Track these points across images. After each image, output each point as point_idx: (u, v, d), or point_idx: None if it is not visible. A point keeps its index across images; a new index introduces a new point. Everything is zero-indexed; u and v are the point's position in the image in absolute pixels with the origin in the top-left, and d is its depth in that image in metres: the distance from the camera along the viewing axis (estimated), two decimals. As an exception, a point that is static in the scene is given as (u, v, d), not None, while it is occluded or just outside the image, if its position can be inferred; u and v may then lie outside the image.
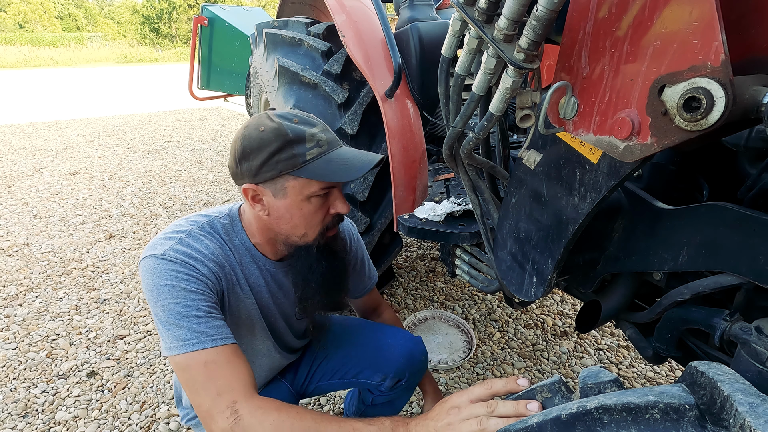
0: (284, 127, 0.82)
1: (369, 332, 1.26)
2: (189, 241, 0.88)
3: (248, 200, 0.89)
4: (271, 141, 0.82)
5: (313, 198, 0.87)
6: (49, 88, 13.13)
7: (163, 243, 0.86)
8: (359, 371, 1.22)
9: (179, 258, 0.84)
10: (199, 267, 0.85)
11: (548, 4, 0.63)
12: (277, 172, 0.83)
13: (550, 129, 0.74)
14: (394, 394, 1.25)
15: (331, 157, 0.86)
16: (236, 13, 5.11)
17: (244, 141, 0.84)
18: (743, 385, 0.42)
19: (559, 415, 0.47)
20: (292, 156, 0.82)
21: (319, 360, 1.25)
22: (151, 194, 4.11)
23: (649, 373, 1.89)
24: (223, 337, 0.82)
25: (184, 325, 0.80)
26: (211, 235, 0.92)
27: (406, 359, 1.20)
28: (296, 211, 0.88)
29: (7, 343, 2.09)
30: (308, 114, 0.90)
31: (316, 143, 0.84)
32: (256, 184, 0.86)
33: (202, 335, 0.80)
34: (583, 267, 0.97)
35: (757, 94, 0.52)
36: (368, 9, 1.68)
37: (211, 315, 0.83)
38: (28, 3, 39.96)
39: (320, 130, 0.86)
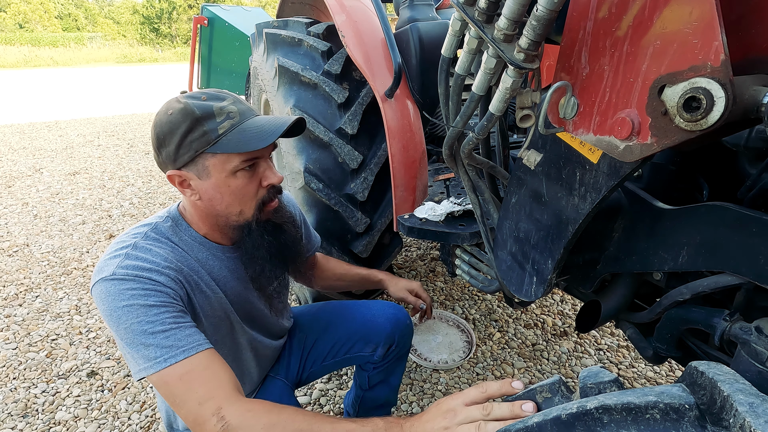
0: (191, 105, 0.81)
1: (352, 309, 1.31)
2: (136, 253, 0.84)
3: (177, 187, 0.87)
4: (180, 122, 0.80)
5: (239, 172, 0.85)
6: (49, 88, 13.13)
7: (110, 263, 0.82)
8: (350, 347, 1.26)
9: (131, 274, 0.80)
10: (155, 277, 0.81)
11: (548, 4, 0.63)
12: (194, 152, 0.81)
13: (550, 129, 0.74)
14: (387, 364, 1.30)
15: (244, 127, 0.83)
16: (236, 13, 5.12)
17: (156, 128, 0.83)
18: (743, 385, 0.42)
19: (559, 415, 0.47)
20: (204, 133, 0.81)
21: (309, 346, 1.28)
22: (151, 194, 4.11)
23: (649, 373, 1.89)
24: (195, 345, 0.79)
25: (152, 343, 0.77)
26: (158, 241, 0.88)
27: (393, 324, 1.26)
28: (224, 188, 0.85)
29: (7, 343, 2.09)
30: (218, 89, 0.87)
31: (227, 116, 0.82)
32: (179, 169, 0.84)
33: (171, 349, 0.77)
34: (583, 267, 0.97)
35: (757, 94, 0.52)
36: (368, 9, 1.68)
37: (177, 325, 0.79)
38: (28, 3, 39.96)
39: (230, 103, 0.84)
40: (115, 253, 0.84)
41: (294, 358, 1.27)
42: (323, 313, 1.33)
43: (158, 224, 0.91)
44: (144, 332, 0.77)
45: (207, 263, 0.94)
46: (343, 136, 1.60)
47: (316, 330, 1.29)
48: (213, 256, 0.95)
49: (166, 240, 0.90)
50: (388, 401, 1.42)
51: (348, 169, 1.60)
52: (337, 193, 1.60)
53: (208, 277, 0.94)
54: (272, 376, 1.22)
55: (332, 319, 1.30)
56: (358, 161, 1.59)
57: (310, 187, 1.57)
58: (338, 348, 1.27)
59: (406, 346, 1.33)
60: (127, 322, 0.77)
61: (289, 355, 1.27)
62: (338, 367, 1.32)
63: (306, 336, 1.29)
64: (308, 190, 1.58)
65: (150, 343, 0.77)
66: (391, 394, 1.39)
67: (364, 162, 1.61)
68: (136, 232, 0.89)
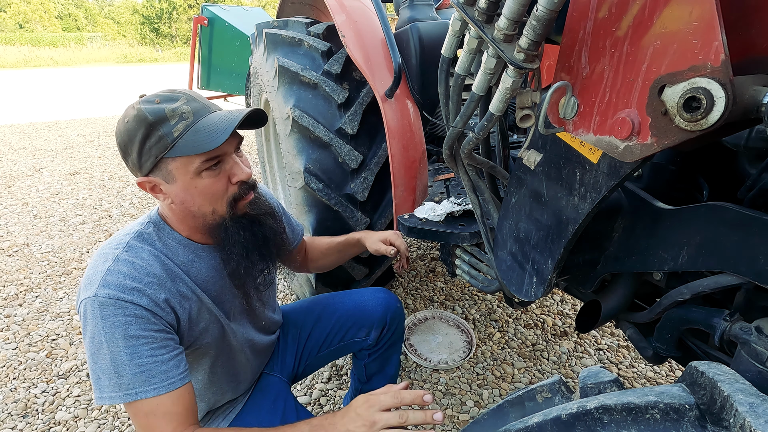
0: (144, 111, 0.80)
1: (342, 297, 1.34)
2: (118, 268, 0.83)
3: (150, 193, 0.87)
4: (136, 129, 0.80)
5: (204, 172, 0.84)
6: (49, 88, 13.13)
7: (93, 280, 0.82)
8: (344, 334, 1.29)
9: (112, 297, 0.79)
10: (136, 300, 0.81)
11: (548, 4, 0.63)
12: (154, 158, 0.81)
13: (550, 129, 0.74)
14: (382, 350, 1.33)
15: (198, 127, 0.81)
16: (236, 13, 5.11)
17: (118, 137, 0.84)
18: (743, 385, 0.42)
19: (559, 415, 0.47)
20: (160, 138, 0.80)
21: (304, 340, 1.30)
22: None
23: (649, 373, 1.89)
24: (167, 384, 0.81)
25: (125, 374, 0.79)
26: (141, 250, 0.87)
27: (383, 307, 1.30)
28: (192, 190, 0.85)
29: (7, 343, 2.09)
30: (173, 90, 0.86)
31: (180, 117, 0.81)
32: (147, 176, 0.84)
33: (144, 384, 0.79)
34: (583, 267, 0.97)
35: (757, 94, 0.52)
36: (368, 9, 1.68)
37: (154, 359, 0.81)
38: (28, 3, 39.96)
39: (183, 103, 0.82)
40: (98, 268, 0.84)
41: (289, 354, 1.28)
42: (314, 305, 1.35)
43: (141, 232, 0.90)
44: (121, 363, 0.79)
45: (192, 265, 0.94)
46: (343, 136, 1.60)
47: (309, 322, 1.31)
48: (197, 257, 0.95)
49: (149, 248, 0.88)
50: None
51: (348, 169, 1.60)
52: (337, 193, 1.60)
53: (191, 282, 0.92)
54: (267, 373, 1.22)
55: (324, 309, 1.32)
56: (358, 161, 1.59)
57: (310, 187, 1.57)
58: (332, 336, 1.30)
59: (399, 329, 1.36)
60: (106, 349, 0.79)
61: (284, 351, 1.27)
62: (334, 357, 1.35)
63: (300, 330, 1.30)
64: (308, 190, 1.58)
65: (123, 374, 0.79)
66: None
67: (364, 162, 1.61)
68: (119, 242, 0.88)
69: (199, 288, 0.94)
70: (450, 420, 1.67)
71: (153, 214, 0.94)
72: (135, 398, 0.79)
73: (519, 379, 1.86)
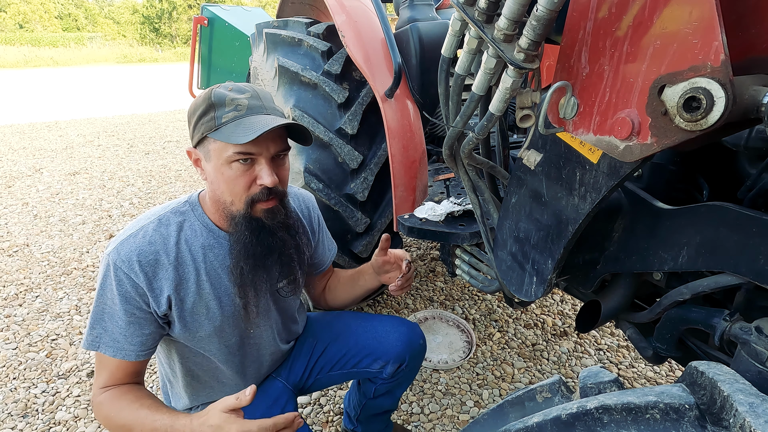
0: (212, 92, 0.88)
1: (364, 322, 1.28)
2: (137, 240, 0.91)
3: (194, 164, 0.96)
4: (200, 105, 0.89)
5: (234, 163, 0.88)
6: (49, 88, 13.13)
7: (120, 237, 0.93)
8: (359, 360, 1.23)
9: (117, 264, 0.89)
10: (134, 278, 0.89)
11: (548, 4, 0.63)
12: (201, 134, 0.88)
13: (550, 129, 0.74)
14: (395, 381, 1.26)
15: (242, 121, 0.86)
16: (236, 13, 5.11)
17: (189, 108, 0.92)
18: (743, 385, 0.42)
19: (559, 415, 0.47)
20: (212, 119, 0.87)
21: (317, 354, 1.25)
22: (151, 194, 4.11)
23: (649, 373, 1.89)
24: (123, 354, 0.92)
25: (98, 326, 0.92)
26: (168, 227, 0.95)
27: (405, 344, 1.21)
28: (219, 175, 0.90)
29: (7, 343, 2.09)
30: (250, 85, 0.93)
31: (234, 107, 0.87)
32: (195, 147, 0.93)
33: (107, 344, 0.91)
34: (583, 267, 0.97)
35: (757, 94, 0.52)
36: (368, 9, 1.68)
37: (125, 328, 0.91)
38: (28, 3, 39.95)
39: (246, 97, 0.89)
40: (129, 229, 0.94)
41: (299, 363, 1.25)
42: (336, 321, 1.30)
43: (176, 209, 0.98)
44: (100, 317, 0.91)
45: (212, 250, 0.98)
46: (343, 136, 1.60)
47: (327, 338, 1.26)
48: (219, 244, 0.99)
49: (175, 228, 0.95)
50: (390, 409, 1.41)
51: (348, 169, 1.60)
52: (337, 193, 1.60)
53: (203, 265, 0.97)
54: (273, 377, 1.21)
55: (344, 328, 1.27)
56: (358, 161, 1.59)
57: (310, 187, 1.57)
58: (346, 360, 1.24)
59: (417, 366, 1.29)
60: (97, 300, 0.92)
61: (294, 359, 1.25)
62: (345, 380, 1.29)
63: (316, 342, 1.26)
64: (308, 190, 1.58)
65: (95, 325, 0.92)
66: (393, 403, 1.37)
67: (364, 162, 1.61)
68: (154, 213, 0.97)
69: (207, 274, 0.97)
70: (450, 420, 1.67)
71: (193, 196, 1.02)
72: (95, 349, 0.91)
73: (519, 379, 1.86)
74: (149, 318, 0.93)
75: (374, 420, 1.42)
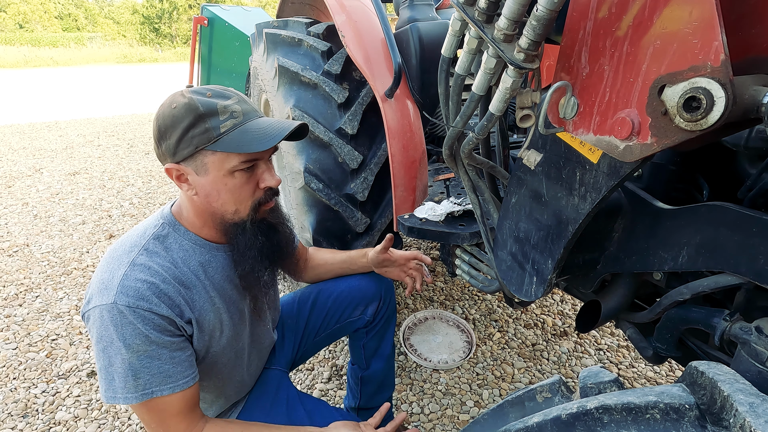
0: (195, 101, 0.81)
1: (334, 282, 1.35)
2: (136, 274, 0.83)
3: (174, 181, 0.87)
4: (183, 117, 0.80)
5: (237, 172, 0.85)
6: (49, 88, 13.13)
7: (109, 285, 0.82)
8: (340, 314, 1.31)
9: (133, 306, 0.80)
10: (155, 308, 0.82)
11: (548, 4, 0.63)
12: (194, 148, 0.81)
13: (550, 129, 0.74)
14: (378, 325, 1.35)
15: (246, 128, 0.83)
16: (236, 13, 5.10)
17: (159, 120, 0.83)
18: (743, 385, 0.42)
19: (559, 415, 0.47)
20: (206, 130, 0.80)
21: (301, 328, 1.30)
22: (151, 194, 4.11)
23: (649, 373, 1.89)
24: (182, 383, 0.85)
25: (142, 376, 0.81)
26: (157, 255, 0.87)
27: (375, 283, 1.32)
28: (221, 186, 0.85)
29: (7, 343, 2.09)
30: (224, 87, 0.87)
31: (230, 115, 0.82)
32: (178, 163, 0.84)
33: (161, 383, 0.83)
34: (583, 267, 0.97)
35: (757, 94, 0.52)
36: (368, 9, 1.68)
37: (172, 360, 0.84)
38: (28, 3, 39.94)
39: (234, 102, 0.84)
40: (114, 273, 0.83)
41: (287, 344, 1.29)
42: (308, 292, 1.35)
43: (157, 234, 0.90)
44: (140, 367, 0.81)
45: (209, 265, 0.94)
46: (343, 136, 1.60)
47: (305, 310, 1.31)
48: (213, 257, 0.95)
49: (165, 251, 0.89)
50: (386, 381, 1.46)
51: (348, 169, 1.60)
52: (337, 193, 1.60)
53: (208, 284, 0.93)
54: (267, 368, 1.23)
55: (318, 294, 1.33)
56: (358, 161, 1.59)
57: (310, 187, 1.57)
58: (329, 319, 1.31)
59: (392, 303, 1.38)
60: (125, 354, 0.80)
61: (281, 344, 1.28)
62: (331, 340, 1.36)
63: (296, 320, 1.31)
64: (308, 190, 1.58)
65: (140, 376, 0.81)
66: (386, 368, 1.42)
67: (364, 162, 1.61)
68: (134, 245, 0.88)
69: (215, 290, 0.94)
70: (450, 420, 1.67)
71: (166, 214, 0.93)
72: (150, 397, 0.82)
73: (519, 379, 1.86)
74: (186, 341, 0.89)
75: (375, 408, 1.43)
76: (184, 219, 0.93)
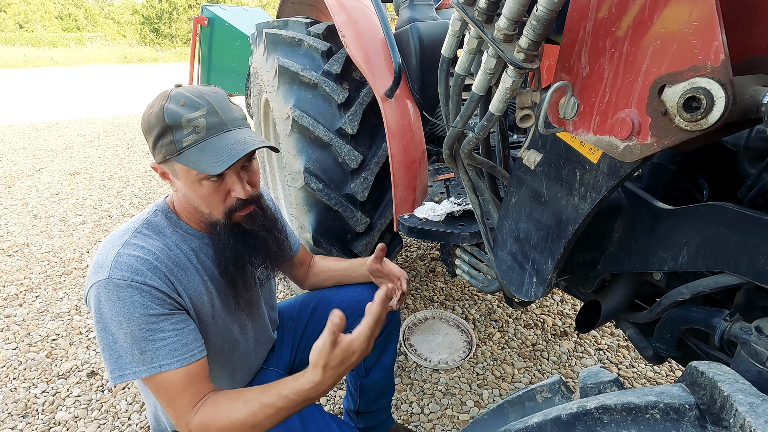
0: (164, 111, 0.82)
1: (335, 291, 1.32)
2: (128, 252, 0.85)
3: (161, 177, 0.92)
4: (154, 125, 0.83)
5: (204, 181, 0.86)
6: (49, 88, 13.12)
7: (104, 264, 0.83)
8: None
9: (126, 279, 0.81)
10: (150, 281, 0.83)
11: (548, 4, 0.63)
12: (163, 156, 0.85)
13: (550, 129, 0.74)
14: (380, 338, 1.30)
15: (204, 146, 0.83)
16: (236, 13, 5.11)
17: (143, 121, 0.87)
18: (743, 385, 0.42)
19: (559, 415, 0.47)
20: (171, 142, 0.83)
21: (300, 333, 1.29)
22: (151, 194, 4.11)
23: (649, 373, 1.89)
24: (188, 356, 0.84)
25: (148, 349, 0.81)
26: (149, 237, 0.90)
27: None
28: (191, 192, 0.88)
29: (7, 343, 2.09)
30: (202, 94, 0.86)
31: (193, 130, 0.82)
32: (159, 163, 0.88)
33: (168, 356, 0.82)
34: (583, 267, 0.97)
35: (757, 94, 0.52)
36: (368, 9, 1.68)
37: (175, 332, 0.84)
38: (28, 3, 39.94)
39: (201, 115, 0.83)
40: (108, 253, 0.85)
41: (285, 348, 1.28)
42: (310, 298, 1.35)
43: (149, 219, 0.93)
44: (143, 339, 0.81)
45: (201, 251, 0.97)
46: (343, 136, 1.60)
47: (305, 315, 1.31)
48: (204, 244, 0.98)
49: (157, 237, 0.91)
50: (386, 389, 1.44)
51: (348, 169, 1.60)
52: (337, 193, 1.60)
53: (201, 268, 0.96)
54: (264, 368, 1.23)
55: (319, 300, 1.32)
56: (358, 161, 1.59)
57: (310, 187, 1.57)
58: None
59: (396, 317, 1.34)
60: (126, 327, 0.81)
61: (280, 346, 1.28)
62: None
63: (296, 324, 1.31)
64: (308, 190, 1.58)
65: (146, 349, 0.81)
66: (386, 377, 1.40)
67: (364, 162, 1.61)
68: (128, 228, 0.91)
69: (207, 275, 0.97)
70: (450, 420, 1.67)
71: (160, 203, 0.98)
72: (159, 371, 0.81)
73: (519, 379, 1.86)
74: (186, 315, 0.89)
75: (374, 413, 1.44)
76: (177, 210, 0.97)
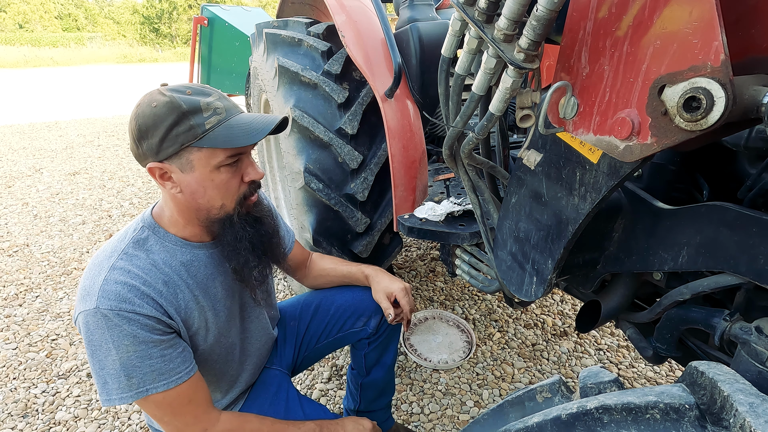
0: (177, 99, 0.80)
1: (338, 291, 1.33)
2: (116, 277, 0.84)
3: (157, 180, 0.86)
4: (165, 115, 0.80)
5: (223, 167, 0.86)
6: (49, 88, 13.12)
7: (91, 291, 0.83)
8: (342, 324, 1.29)
9: (115, 309, 0.81)
10: (138, 309, 0.82)
11: (548, 4, 0.63)
12: (179, 145, 0.81)
13: (550, 129, 0.74)
14: (381, 337, 1.32)
15: (231, 123, 0.84)
16: (236, 13, 5.11)
17: (139, 119, 0.82)
18: (743, 385, 0.42)
19: (559, 415, 0.47)
20: (191, 127, 0.81)
21: (302, 332, 1.30)
22: (151, 194, 4.11)
23: (649, 373, 1.89)
24: (175, 378, 0.86)
25: (135, 375, 0.82)
26: (137, 258, 0.88)
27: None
28: (208, 183, 0.86)
29: (7, 343, 2.09)
30: (202, 84, 0.87)
31: (213, 111, 0.83)
32: (161, 162, 0.83)
33: (155, 381, 0.84)
34: (583, 267, 0.97)
35: (757, 94, 0.52)
36: (368, 9, 1.68)
37: (163, 358, 0.85)
38: (27, 3, 39.93)
39: (216, 98, 0.84)
40: (95, 279, 0.84)
41: (288, 346, 1.29)
42: (312, 297, 1.35)
43: (137, 238, 0.90)
44: (131, 366, 0.82)
45: (191, 265, 0.94)
46: (343, 136, 1.60)
47: (307, 314, 1.31)
48: (195, 257, 0.95)
49: (144, 256, 0.89)
50: (387, 388, 1.44)
51: (348, 169, 1.60)
52: (337, 193, 1.60)
53: (192, 283, 0.93)
54: (267, 367, 1.23)
55: (321, 300, 1.32)
56: (358, 161, 1.59)
57: (310, 187, 1.57)
58: (330, 327, 1.29)
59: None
60: (115, 356, 0.82)
61: (282, 345, 1.28)
62: (333, 348, 1.35)
63: (298, 323, 1.31)
64: (308, 190, 1.58)
65: (133, 375, 0.83)
66: (387, 376, 1.41)
67: (364, 162, 1.61)
68: (114, 250, 0.88)
69: (198, 289, 0.95)
70: (450, 420, 1.67)
71: (147, 217, 0.94)
72: (145, 395, 0.83)
73: (519, 379, 1.86)
74: (176, 337, 0.89)
75: (374, 413, 1.45)
76: (166, 219, 0.94)
